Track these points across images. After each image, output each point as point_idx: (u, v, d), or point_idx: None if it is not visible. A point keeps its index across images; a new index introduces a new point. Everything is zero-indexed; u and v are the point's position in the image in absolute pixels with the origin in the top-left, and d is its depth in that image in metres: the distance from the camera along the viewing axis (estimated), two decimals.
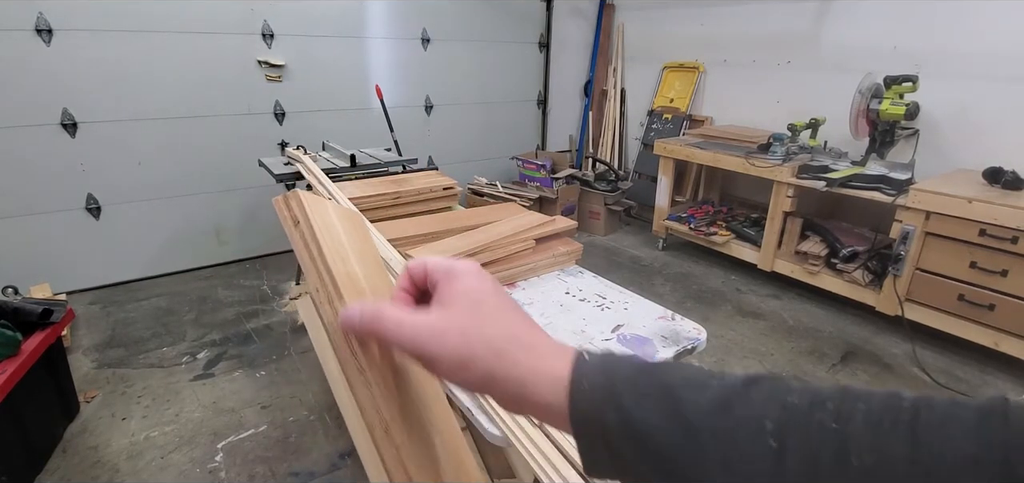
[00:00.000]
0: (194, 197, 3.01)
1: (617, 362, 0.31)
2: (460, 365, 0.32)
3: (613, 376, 0.30)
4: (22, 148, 2.48)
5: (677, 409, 0.28)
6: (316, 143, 2.72)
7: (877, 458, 0.24)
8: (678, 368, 0.30)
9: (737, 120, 3.57)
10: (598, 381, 0.30)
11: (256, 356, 2.28)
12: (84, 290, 2.79)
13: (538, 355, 0.32)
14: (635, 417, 0.29)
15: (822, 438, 0.25)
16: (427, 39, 3.59)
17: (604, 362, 0.31)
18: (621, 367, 0.31)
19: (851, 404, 0.26)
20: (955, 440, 0.23)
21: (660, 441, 0.28)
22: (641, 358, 0.32)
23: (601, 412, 0.30)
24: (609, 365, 0.31)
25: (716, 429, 0.27)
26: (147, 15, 2.61)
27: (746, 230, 3.10)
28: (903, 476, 0.23)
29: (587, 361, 0.31)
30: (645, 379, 0.30)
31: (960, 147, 2.62)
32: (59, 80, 2.49)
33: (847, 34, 2.97)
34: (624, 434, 0.29)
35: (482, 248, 1.32)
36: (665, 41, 3.93)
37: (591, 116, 4.40)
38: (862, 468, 0.24)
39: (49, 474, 1.67)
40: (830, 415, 0.26)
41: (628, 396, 0.29)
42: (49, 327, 1.69)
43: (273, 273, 3.08)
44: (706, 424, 0.27)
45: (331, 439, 1.83)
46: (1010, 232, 2.04)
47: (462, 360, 0.32)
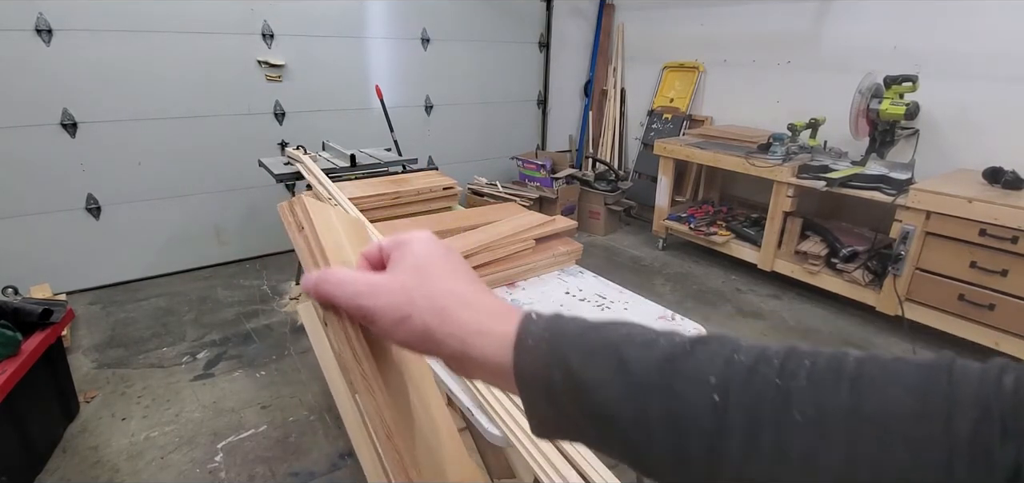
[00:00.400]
0: (194, 197, 3.01)
1: (563, 321, 0.31)
2: (400, 319, 0.32)
3: (559, 334, 0.30)
4: (22, 148, 2.48)
5: (622, 365, 0.28)
6: (316, 143, 2.72)
7: (817, 412, 0.24)
8: (625, 327, 0.30)
9: (737, 120, 3.57)
10: (543, 338, 0.30)
11: (256, 356, 2.28)
12: (84, 290, 2.79)
13: (483, 313, 0.32)
14: (579, 373, 0.29)
15: (764, 392, 0.25)
16: (427, 39, 3.59)
17: (550, 321, 0.31)
18: (567, 325, 0.31)
19: (797, 361, 0.26)
20: (897, 395, 0.23)
21: (604, 396, 0.28)
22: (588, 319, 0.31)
23: (546, 369, 0.30)
24: (555, 324, 0.31)
25: (660, 385, 0.27)
26: (147, 15, 2.61)
27: (746, 230, 3.10)
28: (843, 430, 0.23)
29: (534, 320, 0.31)
30: (591, 336, 0.30)
31: (960, 147, 2.62)
32: (59, 80, 2.49)
33: (847, 34, 2.96)
34: (568, 390, 0.29)
35: (482, 248, 1.32)
36: (665, 41, 3.93)
37: (591, 116, 4.40)
38: (803, 421, 0.24)
39: (49, 474, 1.67)
40: (775, 371, 0.26)
41: (573, 353, 0.29)
42: (49, 327, 1.69)
43: (273, 273, 3.08)
44: (650, 380, 0.27)
45: (331, 439, 1.83)
46: (1010, 232, 2.04)
47: (401, 315, 0.32)
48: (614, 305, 1.26)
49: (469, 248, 1.29)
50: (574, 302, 1.28)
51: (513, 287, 1.35)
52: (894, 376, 0.24)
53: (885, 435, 0.22)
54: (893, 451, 0.22)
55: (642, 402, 0.27)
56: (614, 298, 1.30)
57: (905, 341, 2.42)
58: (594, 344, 0.29)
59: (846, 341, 2.50)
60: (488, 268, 1.32)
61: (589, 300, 1.29)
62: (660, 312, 1.24)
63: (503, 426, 0.82)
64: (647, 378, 0.28)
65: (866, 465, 0.23)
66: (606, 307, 1.25)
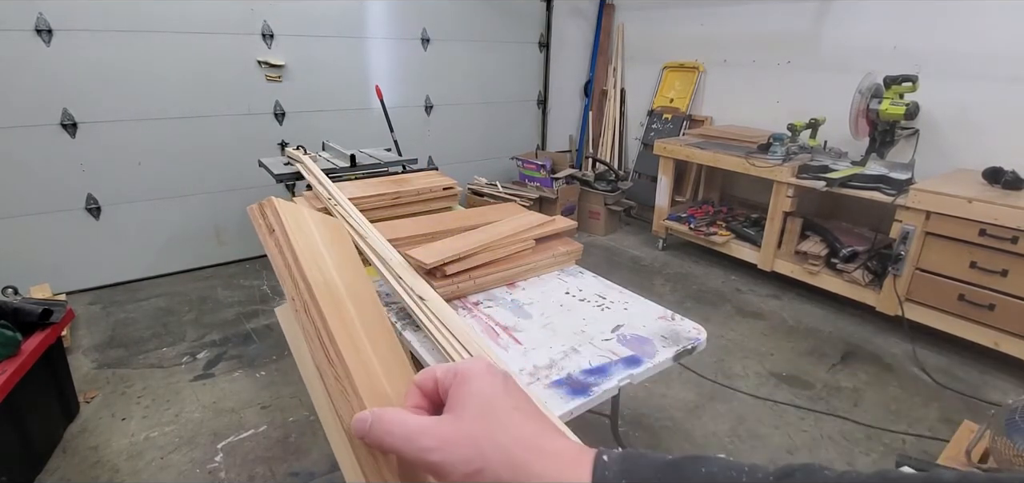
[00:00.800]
0: (194, 197, 3.01)
1: (637, 465, 0.30)
2: (470, 473, 0.31)
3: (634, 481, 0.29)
4: (22, 148, 2.48)
5: None
6: (316, 143, 2.72)
7: None
8: (704, 463, 0.29)
9: (737, 120, 3.57)
10: None
11: (256, 356, 2.28)
12: (84, 290, 2.80)
13: (555, 461, 0.31)
14: None
15: None
16: (427, 39, 3.59)
17: (624, 464, 0.30)
18: (641, 470, 0.29)
19: None
20: None
21: None
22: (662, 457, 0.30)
23: None
24: (629, 468, 0.30)
25: None
26: (147, 15, 2.61)
27: (746, 230, 3.10)
28: None
29: (606, 463, 0.30)
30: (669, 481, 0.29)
31: (960, 147, 2.62)
32: (59, 80, 2.49)
33: (847, 34, 2.96)
34: None
35: (482, 248, 1.32)
36: (665, 41, 3.93)
37: (591, 116, 4.40)
38: None
39: (49, 474, 1.67)
40: None
41: None
42: (49, 327, 1.69)
43: (273, 273, 3.07)
44: None
45: None
46: (1010, 232, 2.04)
47: (472, 469, 0.31)
48: (614, 305, 1.26)
49: (469, 248, 1.29)
50: (574, 302, 1.28)
51: (513, 287, 1.35)
52: None
53: None
54: None
55: None
56: (614, 298, 1.30)
57: (905, 341, 2.42)
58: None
59: (846, 341, 2.50)
60: (488, 268, 1.32)
61: (589, 300, 1.29)
62: (660, 312, 1.24)
63: None
64: None
65: None
66: (606, 307, 1.25)
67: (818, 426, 1.95)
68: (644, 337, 1.14)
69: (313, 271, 0.48)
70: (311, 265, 0.48)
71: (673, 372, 2.20)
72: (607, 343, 1.11)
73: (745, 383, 2.18)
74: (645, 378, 1.04)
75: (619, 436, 1.63)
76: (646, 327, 1.17)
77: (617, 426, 1.62)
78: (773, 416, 2.00)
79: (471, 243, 1.31)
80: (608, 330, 1.16)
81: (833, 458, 1.81)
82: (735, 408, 2.03)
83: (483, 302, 1.27)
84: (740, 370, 2.26)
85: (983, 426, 1.48)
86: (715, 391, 2.13)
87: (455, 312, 1.19)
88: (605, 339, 1.13)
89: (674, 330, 1.16)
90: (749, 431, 1.92)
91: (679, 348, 1.10)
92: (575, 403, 0.94)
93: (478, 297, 1.30)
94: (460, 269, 1.26)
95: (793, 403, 2.06)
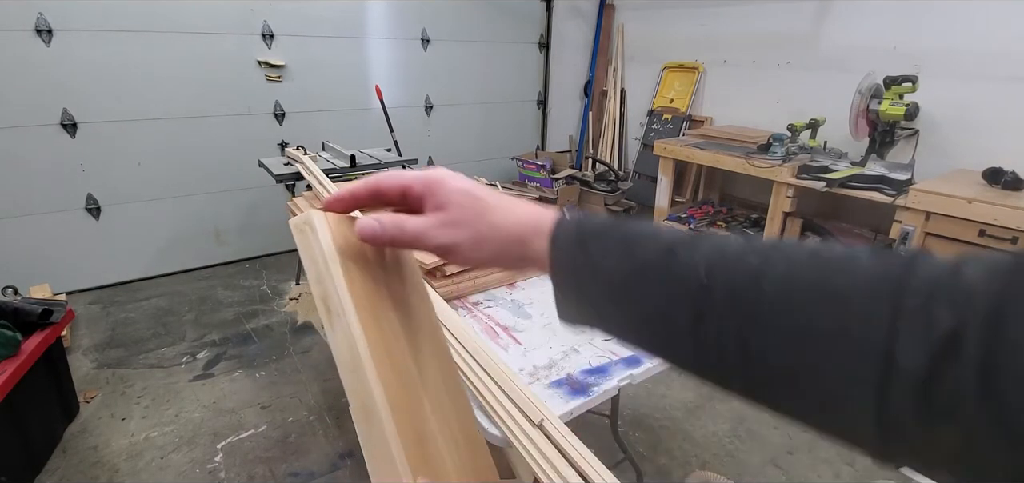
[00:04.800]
0: (194, 197, 3.01)
1: (588, 218, 0.38)
2: (476, 245, 0.39)
3: (583, 229, 0.37)
4: (22, 148, 2.48)
5: (631, 252, 0.34)
6: (316, 143, 2.72)
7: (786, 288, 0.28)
8: (639, 223, 0.36)
9: (737, 120, 3.57)
10: (572, 232, 0.37)
11: (256, 356, 2.28)
12: (84, 290, 2.79)
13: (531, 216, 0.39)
14: (597, 258, 0.35)
15: (744, 272, 0.30)
16: (427, 39, 3.59)
17: (578, 218, 0.38)
18: (589, 222, 0.37)
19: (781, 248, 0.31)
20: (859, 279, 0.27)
21: (616, 276, 0.34)
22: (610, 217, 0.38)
23: (571, 257, 0.36)
24: (581, 220, 0.37)
25: (660, 265, 0.33)
26: (147, 15, 2.61)
27: (746, 231, 3.10)
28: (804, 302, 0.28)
29: (566, 218, 0.38)
30: (609, 231, 0.36)
31: (960, 147, 2.62)
32: (59, 80, 2.49)
33: (847, 34, 2.96)
34: (588, 271, 0.36)
35: None
36: (665, 41, 3.93)
37: (591, 116, 4.40)
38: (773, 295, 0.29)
39: (49, 474, 1.67)
40: (757, 256, 0.30)
41: (593, 243, 0.36)
42: (49, 327, 1.69)
43: (273, 273, 3.08)
44: (653, 262, 0.33)
45: (331, 439, 1.83)
46: (1010, 232, 2.04)
47: (477, 241, 0.39)
48: None
49: None
50: None
51: (513, 287, 1.35)
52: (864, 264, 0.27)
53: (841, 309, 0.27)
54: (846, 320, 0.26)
55: (645, 280, 0.33)
56: None
57: None
58: (610, 236, 0.36)
59: None
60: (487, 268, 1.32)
61: None
62: None
63: (503, 426, 0.82)
64: (649, 263, 0.33)
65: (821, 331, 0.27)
66: None
67: None
68: None
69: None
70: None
71: (673, 372, 2.20)
72: (607, 343, 1.11)
73: None
74: (645, 378, 1.04)
75: (619, 436, 1.63)
76: None
77: (617, 426, 1.63)
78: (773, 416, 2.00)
79: None
80: None
81: (833, 458, 1.81)
82: (735, 408, 2.03)
83: (483, 302, 1.27)
84: None
85: None
86: (715, 391, 2.12)
87: (455, 312, 1.19)
88: (605, 339, 1.13)
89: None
90: (749, 431, 1.92)
91: None
92: (575, 403, 0.94)
93: (478, 297, 1.30)
94: (460, 269, 1.27)
95: None
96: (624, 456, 1.63)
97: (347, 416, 1.90)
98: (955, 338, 0.23)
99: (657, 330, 0.34)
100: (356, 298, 0.40)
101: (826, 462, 1.79)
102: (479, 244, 0.39)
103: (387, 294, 0.45)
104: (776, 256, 0.30)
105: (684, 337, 0.32)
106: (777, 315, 0.28)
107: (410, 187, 0.41)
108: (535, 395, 0.88)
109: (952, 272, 0.25)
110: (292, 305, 2.70)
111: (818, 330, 0.27)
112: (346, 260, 0.40)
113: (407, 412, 0.41)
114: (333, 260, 0.40)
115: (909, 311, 0.24)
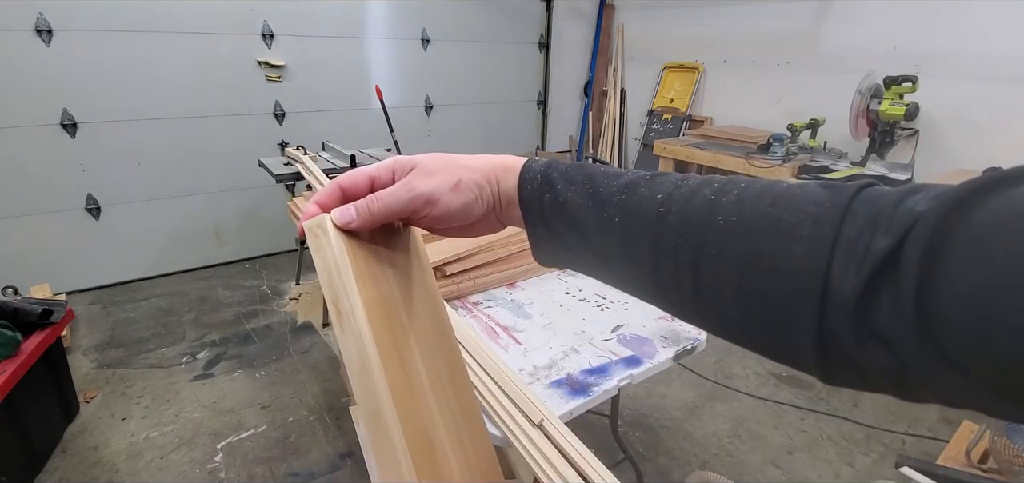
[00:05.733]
0: (194, 197, 3.01)
1: (554, 161, 0.40)
2: (453, 188, 0.40)
3: (549, 170, 0.39)
4: (22, 148, 2.48)
5: (594, 189, 0.37)
6: (316, 143, 2.72)
7: (737, 218, 0.30)
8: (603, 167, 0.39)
9: (737, 120, 3.57)
10: (539, 173, 0.39)
11: (256, 356, 2.28)
12: (84, 290, 2.79)
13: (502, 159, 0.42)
14: (562, 195, 0.38)
15: (699, 204, 0.32)
16: (427, 39, 3.59)
17: (545, 162, 0.40)
18: (556, 164, 0.40)
19: (733, 184, 0.32)
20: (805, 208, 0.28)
21: (580, 210, 0.37)
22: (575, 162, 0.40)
23: (540, 194, 0.39)
24: (548, 164, 0.40)
25: (620, 201, 0.36)
26: (147, 15, 2.61)
27: None
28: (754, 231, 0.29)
29: (534, 161, 0.41)
30: (574, 171, 0.39)
31: (960, 147, 2.62)
32: (59, 80, 2.49)
33: (847, 34, 2.96)
34: (554, 209, 0.38)
35: (482, 247, 1.32)
36: (665, 41, 3.93)
37: (591, 116, 4.40)
38: (723, 223, 0.31)
39: (49, 474, 1.67)
40: (712, 190, 0.32)
41: (559, 182, 0.38)
42: (49, 327, 1.69)
43: (273, 273, 3.08)
44: (613, 198, 0.36)
45: (331, 439, 1.83)
46: None
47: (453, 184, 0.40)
48: (614, 305, 1.26)
49: (469, 248, 1.29)
50: (574, 302, 1.28)
51: (513, 287, 1.35)
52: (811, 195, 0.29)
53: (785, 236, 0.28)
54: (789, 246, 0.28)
55: (606, 214, 0.36)
56: (614, 298, 1.30)
57: None
58: (575, 175, 0.38)
59: None
60: (488, 268, 1.32)
61: (589, 300, 1.29)
62: (660, 313, 1.23)
63: (503, 426, 0.82)
64: (611, 197, 0.36)
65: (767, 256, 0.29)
66: (606, 307, 1.25)
67: (818, 426, 1.95)
68: (644, 337, 1.14)
69: None
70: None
71: (673, 372, 2.20)
72: (607, 343, 1.11)
73: (745, 383, 2.18)
74: (645, 378, 1.04)
75: (619, 436, 1.63)
76: (646, 327, 1.17)
77: (617, 426, 1.62)
78: (773, 416, 2.00)
79: (471, 243, 1.31)
80: (608, 330, 1.16)
81: (833, 458, 1.81)
82: (735, 408, 2.03)
83: (483, 302, 1.27)
84: (740, 370, 2.26)
85: (983, 427, 1.48)
86: (715, 391, 2.13)
87: (455, 312, 1.19)
88: (605, 339, 1.13)
89: (674, 331, 1.16)
90: (749, 431, 1.92)
91: (679, 348, 1.10)
92: (575, 403, 0.94)
93: (478, 297, 1.30)
94: (460, 269, 1.27)
95: (793, 403, 2.06)
96: (624, 456, 1.63)
97: (347, 416, 1.90)
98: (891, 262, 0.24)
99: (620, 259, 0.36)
100: (366, 300, 0.39)
101: (826, 462, 1.79)
102: (456, 186, 0.40)
103: (399, 298, 0.45)
104: (730, 187, 0.32)
105: (644, 265, 0.34)
106: (727, 242, 0.30)
107: (376, 176, 0.42)
108: (535, 395, 0.88)
109: (896, 201, 0.26)
110: (292, 305, 2.71)
111: (764, 256, 0.29)
112: (358, 263, 0.40)
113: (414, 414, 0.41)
114: (344, 262, 0.39)
115: (847, 237, 0.26)
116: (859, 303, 0.25)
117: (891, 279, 0.24)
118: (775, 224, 0.29)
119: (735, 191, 0.32)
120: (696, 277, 0.32)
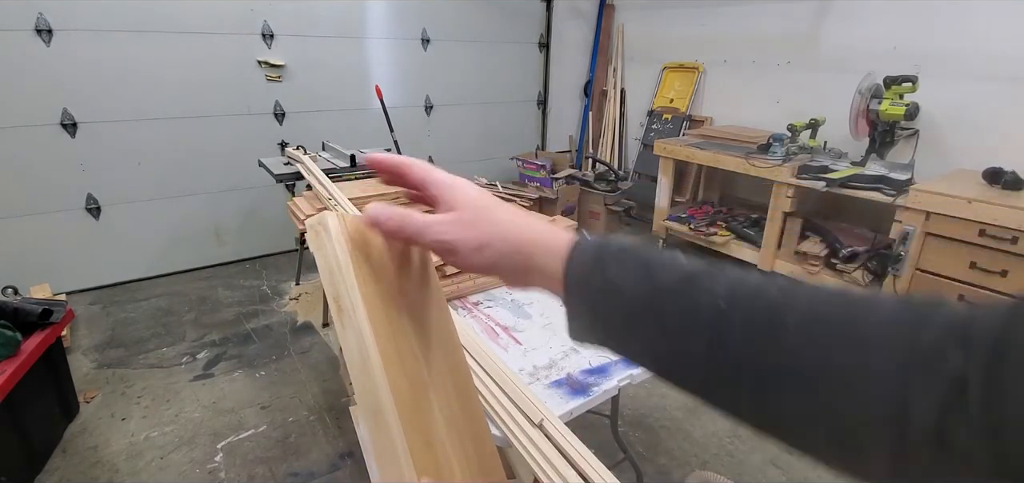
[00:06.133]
0: (194, 197, 3.01)
1: (608, 241, 0.38)
2: (478, 248, 0.39)
3: (602, 250, 0.37)
4: (22, 148, 2.48)
5: (649, 275, 0.34)
6: (316, 143, 2.72)
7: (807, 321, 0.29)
8: (659, 252, 0.36)
9: (737, 120, 3.57)
10: (590, 252, 0.37)
11: (256, 356, 2.28)
12: (84, 290, 2.79)
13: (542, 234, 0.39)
14: (615, 280, 0.35)
15: (764, 305, 0.30)
16: (427, 39, 3.59)
17: (598, 240, 0.38)
18: (610, 245, 0.37)
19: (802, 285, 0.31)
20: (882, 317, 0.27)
21: (632, 297, 0.34)
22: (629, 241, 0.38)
23: (589, 276, 0.36)
24: (601, 242, 0.38)
25: (678, 291, 0.33)
26: (147, 15, 2.61)
27: (746, 230, 3.10)
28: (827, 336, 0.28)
29: (586, 238, 0.38)
30: (628, 255, 0.36)
31: (960, 147, 2.62)
32: (59, 80, 2.49)
33: (847, 34, 2.96)
34: (603, 292, 0.36)
35: None
36: (665, 41, 3.93)
37: (591, 116, 4.40)
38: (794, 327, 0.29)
39: (49, 474, 1.67)
40: (779, 291, 0.31)
41: (612, 265, 0.36)
42: (49, 327, 1.69)
43: (273, 273, 3.08)
44: (671, 288, 0.33)
45: (331, 439, 1.83)
46: (1010, 232, 2.04)
47: (479, 244, 0.39)
48: None
49: None
50: None
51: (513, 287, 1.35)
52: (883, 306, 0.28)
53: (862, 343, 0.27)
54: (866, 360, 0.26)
55: (661, 303, 0.33)
56: None
57: None
58: (630, 258, 0.36)
59: None
60: None
61: None
62: None
63: (503, 426, 0.82)
64: (669, 286, 0.34)
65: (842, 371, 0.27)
66: None
67: None
68: None
69: None
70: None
71: None
72: None
73: None
74: (645, 378, 1.05)
75: (619, 436, 1.63)
76: None
77: (617, 426, 1.62)
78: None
79: None
80: None
81: None
82: None
83: (483, 302, 1.27)
84: None
85: None
86: None
87: (455, 312, 1.19)
88: None
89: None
90: (749, 432, 1.92)
91: None
92: (575, 403, 0.94)
93: (478, 297, 1.30)
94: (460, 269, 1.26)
95: None
96: (624, 456, 1.63)
97: (347, 416, 1.90)
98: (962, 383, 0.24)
99: (671, 355, 0.34)
100: (367, 297, 0.40)
101: None
102: (481, 248, 0.39)
103: (402, 298, 0.45)
104: (799, 292, 0.30)
105: (697, 363, 0.32)
106: (797, 350, 0.29)
107: (431, 181, 0.42)
108: (535, 395, 0.88)
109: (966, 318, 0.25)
110: (292, 305, 2.71)
111: (837, 369, 0.27)
112: (359, 259, 0.41)
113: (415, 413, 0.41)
114: (345, 258, 0.40)
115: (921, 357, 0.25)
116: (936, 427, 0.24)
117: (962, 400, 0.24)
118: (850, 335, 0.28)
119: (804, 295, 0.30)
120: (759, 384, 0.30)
